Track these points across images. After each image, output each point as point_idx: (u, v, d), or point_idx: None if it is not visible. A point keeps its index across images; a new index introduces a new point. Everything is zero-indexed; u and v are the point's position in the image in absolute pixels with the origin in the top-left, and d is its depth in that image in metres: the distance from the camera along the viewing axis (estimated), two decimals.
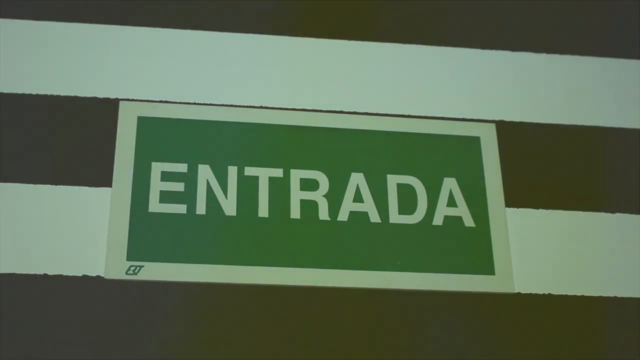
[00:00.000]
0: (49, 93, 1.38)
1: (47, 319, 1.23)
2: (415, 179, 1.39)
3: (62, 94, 1.39)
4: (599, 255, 1.38)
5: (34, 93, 1.38)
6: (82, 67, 1.41)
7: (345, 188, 1.36)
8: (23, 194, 1.30)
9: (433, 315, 1.30)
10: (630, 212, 1.42)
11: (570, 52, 1.55)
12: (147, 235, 1.29)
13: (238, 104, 1.41)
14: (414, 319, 1.30)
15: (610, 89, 1.53)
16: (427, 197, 1.37)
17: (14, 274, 1.25)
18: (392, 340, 1.28)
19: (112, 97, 1.39)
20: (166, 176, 1.34)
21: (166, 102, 1.40)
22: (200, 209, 1.32)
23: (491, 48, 1.53)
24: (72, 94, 1.39)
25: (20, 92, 1.38)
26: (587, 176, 1.44)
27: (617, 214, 1.41)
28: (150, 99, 1.40)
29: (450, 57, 1.52)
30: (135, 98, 1.40)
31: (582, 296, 1.34)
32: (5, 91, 1.38)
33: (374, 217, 1.35)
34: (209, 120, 1.39)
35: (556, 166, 1.44)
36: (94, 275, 1.26)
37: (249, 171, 1.35)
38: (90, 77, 1.40)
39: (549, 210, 1.40)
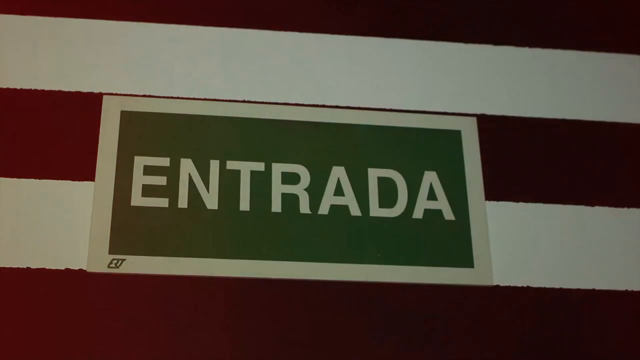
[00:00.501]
0: (32, 87, 1.39)
1: (31, 312, 1.24)
2: (396, 172, 1.40)
3: (46, 88, 1.39)
4: (577, 248, 1.39)
5: (17, 87, 1.39)
6: (66, 62, 1.42)
7: (327, 182, 1.38)
8: (6, 188, 1.31)
9: (413, 307, 1.32)
10: (609, 205, 1.43)
11: (552, 46, 1.56)
12: (129, 228, 1.30)
13: (220, 98, 1.42)
14: (394, 311, 1.31)
15: (591, 82, 1.54)
16: (408, 191, 1.39)
17: None
18: (373, 331, 1.29)
19: (95, 91, 1.40)
20: (149, 170, 1.35)
21: (149, 96, 1.41)
22: (182, 202, 1.33)
23: (472, 42, 1.54)
24: (56, 88, 1.40)
25: (4, 86, 1.39)
26: (566, 170, 1.46)
27: (596, 207, 1.43)
28: (133, 93, 1.41)
29: (431, 51, 1.53)
30: (118, 92, 1.40)
31: (560, 289, 1.36)
32: None
33: (355, 211, 1.36)
34: (192, 115, 1.40)
35: (536, 160, 1.45)
36: (77, 268, 1.27)
37: (231, 165, 1.37)
38: (74, 72, 1.41)
39: (529, 204, 1.41)
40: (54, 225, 1.30)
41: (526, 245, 1.38)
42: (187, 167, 1.35)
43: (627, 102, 1.53)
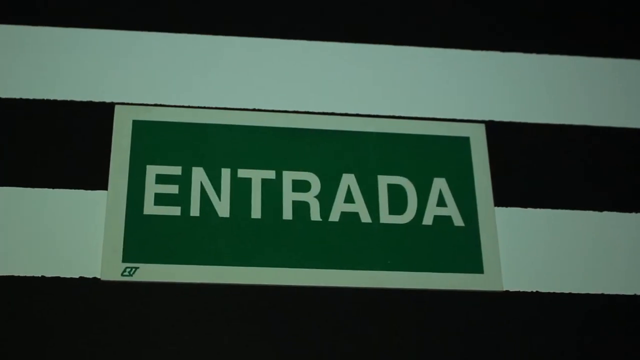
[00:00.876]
0: (45, 98, 1.41)
1: (45, 320, 1.26)
2: (406, 179, 1.41)
3: (58, 98, 1.41)
4: (586, 253, 1.40)
5: (30, 98, 1.40)
6: (78, 72, 1.44)
7: (337, 189, 1.39)
8: (20, 197, 1.33)
9: (423, 313, 1.33)
10: (618, 211, 1.44)
11: (560, 52, 1.57)
12: (142, 237, 1.32)
13: (231, 107, 1.44)
14: (404, 317, 1.32)
15: (599, 88, 1.55)
16: (417, 197, 1.40)
17: (12, 276, 1.27)
18: (383, 338, 1.30)
19: (107, 101, 1.42)
20: (161, 179, 1.36)
21: (161, 105, 1.42)
22: (195, 210, 1.34)
23: (481, 49, 1.55)
24: (68, 98, 1.41)
25: (17, 96, 1.40)
26: (575, 175, 1.46)
27: (605, 212, 1.44)
28: (145, 102, 1.42)
29: (440, 58, 1.54)
30: (130, 102, 1.42)
31: (570, 294, 1.37)
32: (1, 96, 1.40)
33: (365, 218, 1.37)
34: (203, 123, 1.41)
35: (545, 166, 1.46)
36: (91, 277, 1.29)
37: (242, 173, 1.38)
38: (86, 82, 1.43)
39: (538, 210, 1.42)
40: (67, 234, 1.31)
41: (535, 251, 1.39)
42: (198, 175, 1.37)
43: (635, 107, 1.54)
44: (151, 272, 1.30)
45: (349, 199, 1.38)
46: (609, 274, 1.39)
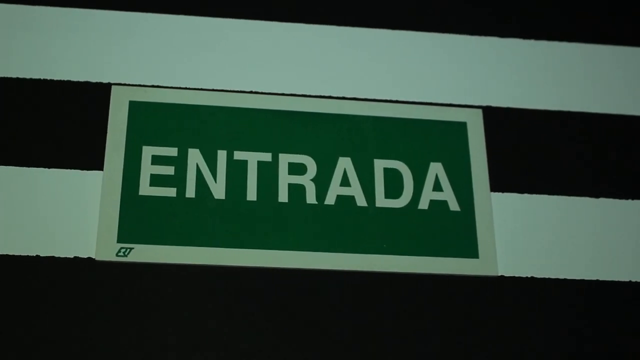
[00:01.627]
0: (42, 78, 1.40)
1: (39, 300, 1.25)
2: (402, 163, 1.41)
3: (55, 78, 1.41)
4: (582, 239, 1.40)
5: (27, 77, 1.40)
6: (75, 52, 1.43)
7: (333, 172, 1.39)
8: (16, 177, 1.32)
9: (417, 298, 1.33)
10: (615, 197, 1.44)
11: (558, 38, 1.57)
12: (137, 217, 1.31)
13: (228, 89, 1.44)
14: (399, 301, 1.32)
15: (596, 75, 1.55)
16: (413, 182, 1.40)
17: (6, 255, 1.27)
18: (378, 322, 1.30)
19: (104, 81, 1.41)
20: (157, 160, 1.36)
21: (157, 86, 1.42)
22: (190, 192, 1.34)
23: (478, 34, 1.55)
24: (65, 79, 1.41)
25: (14, 76, 1.40)
26: (571, 161, 1.46)
27: (601, 199, 1.44)
28: (141, 83, 1.42)
29: (437, 43, 1.54)
30: (127, 83, 1.42)
31: (565, 279, 1.37)
32: None
33: (361, 201, 1.37)
34: (199, 105, 1.41)
35: (541, 152, 1.46)
36: (85, 257, 1.29)
37: (238, 155, 1.38)
38: (83, 62, 1.43)
39: (534, 195, 1.42)
40: (62, 214, 1.31)
41: (531, 237, 1.39)
42: (194, 157, 1.37)
43: (633, 94, 1.54)
44: (146, 253, 1.30)
45: (345, 182, 1.38)
46: (604, 260, 1.39)
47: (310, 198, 1.36)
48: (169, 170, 1.35)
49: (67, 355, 1.22)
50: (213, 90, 1.43)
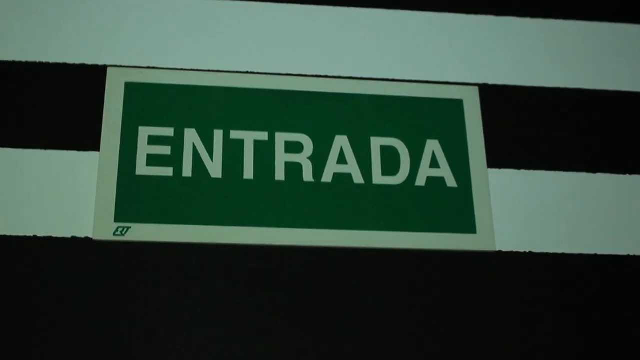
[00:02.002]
0: (38, 60, 1.41)
1: (37, 280, 1.26)
2: (399, 141, 1.41)
3: (51, 60, 1.41)
4: (579, 214, 1.40)
5: (23, 60, 1.40)
6: (71, 34, 1.43)
7: (329, 150, 1.39)
8: (13, 158, 1.33)
9: (415, 274, 1.32)
10: (612, 173, 1.44)
11: (553, 16, 1.56)
12: (134, 197, 1.32)
13: (224, 69, 1.44)
14: (397, 277, 1.32)
15: (591, 52, 1.55)
16: (410, 159, 1.39)
17: (3, 235, 1.27)
18: (375, 299, 1.30)
19: (100, 63, 1.42)
20: (153, 140, 1.36)
21: (153, 68, 1.42)
22: (187, 171, 1.34)
23: (475, 13, 1.55)
24: (61, 61, 1.41)
25: (10, 59, 1.40)
26: (568, 138, 1.46)
27: (599, 174, 1.43)
28: (137, 65, 1.42)
29: (433, 21, 1.54)
30: (122, 64, 1.42)
31: (562, 254, 1.36)
32: None
33: (358, 178, 1.37)
34: (195, 86, 1.41)
35: (538, 128, 1.46)
36: (83, 236, 1.29)
37: (235, 134, 1.38)
38: (79, 44, 1.43)
39: (531, 171, 1.42)
40: (60, 194, 1.31)
41: (529, 212, 1.39)
42: (191, 137, 1.37)
43: (628, 70, 1.53)
44: (143, 232, 1.30)
45: (342, 160, 1.38)
46: (602, 234, 1.38)
47: (307, 176, 1.36)
48: (166, 150, 1.35)
49: (65, 334, 1.22)
50: (208, 70, 1.43)
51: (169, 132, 1.37)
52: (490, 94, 1.47)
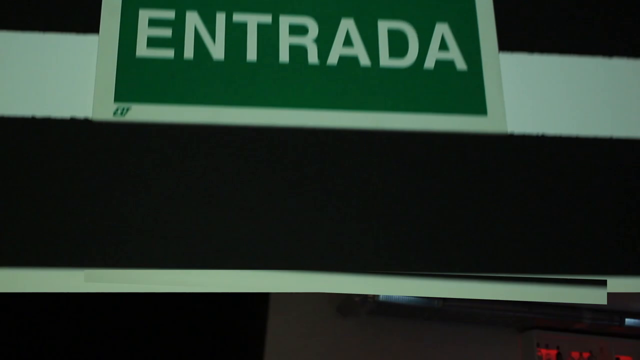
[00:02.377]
0: None
1: (35, 160, 1.23)
2: (407, 24, 1.36)
3: None
4: (594, 97, 1.35)
5: None
6: None
7: (335, 33, 1.34)
8: (11, 41, 1.29)
9: (424, 156, 1.28)
10: (628, 56, 1.39)
11: None
12: (134, 78, 1.28)
13: None
14: (405, 159, 1.28)
15: None
16: (419, 42, 1.35)
17: (1, 116, 1.24)
18: (383, 180, 1.26)
19: None
20: (153, 22, 1.32)
21: None
22: (188, 53, 1.30)
23: None
24: None
25: None
26: (583, 20, 1.41)
27: (615, 59, 1.38)
28: None
29: None
30: None
31: (577, 137, 1.32)
32: None
33: (364, 61, 1.33)
34: None
35: (552, 10, 1.41)
36: (82, 117, 1.26)
37: (237, 17, 1.34)
38: None
39: (544, 55, 1.37)
40: (59, 76, 1.28)
41: (542, 96, 1.34)
42: (192, 19, 1.33)
43: None
44: (143, 112, 1.26)
45: (348, 42, 1.34)
46: (616, 118, 1.34)
47: (312, 58, 1.32)
48: (167, 32, 1.32)
49: (64, 214, 1.20)
50: None
51: (170, 14, 1.33)
52: None
